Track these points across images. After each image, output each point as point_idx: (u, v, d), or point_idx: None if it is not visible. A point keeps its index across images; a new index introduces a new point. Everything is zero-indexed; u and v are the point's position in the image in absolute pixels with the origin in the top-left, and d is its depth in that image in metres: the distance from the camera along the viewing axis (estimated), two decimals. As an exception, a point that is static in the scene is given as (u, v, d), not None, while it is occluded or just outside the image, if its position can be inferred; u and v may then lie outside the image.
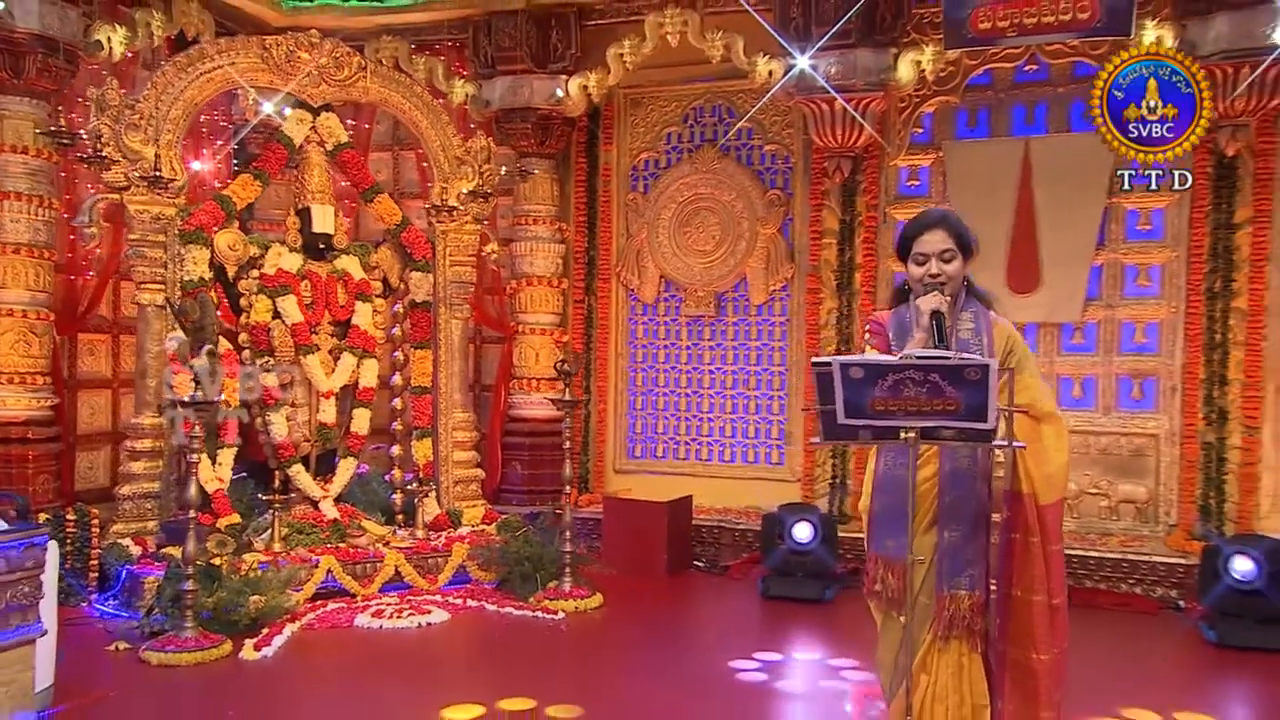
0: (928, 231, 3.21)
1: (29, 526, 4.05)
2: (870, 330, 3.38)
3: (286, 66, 6.42)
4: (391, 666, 5.18)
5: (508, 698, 4.50)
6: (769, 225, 7.92)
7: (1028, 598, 3.00)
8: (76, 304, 6.80)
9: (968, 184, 7.47)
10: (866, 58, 6.98)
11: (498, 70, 7.68)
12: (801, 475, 7.71)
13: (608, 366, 8.27)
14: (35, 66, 6.14)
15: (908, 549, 3.04)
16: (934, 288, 3.11)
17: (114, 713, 4.24)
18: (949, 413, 2.71)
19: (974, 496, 3.08)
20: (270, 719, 4.58)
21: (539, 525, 6.65)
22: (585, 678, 5.13)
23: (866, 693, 4.58)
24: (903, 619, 3.12)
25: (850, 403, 2.74)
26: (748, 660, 5.21)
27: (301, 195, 6.73)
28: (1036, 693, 3.02)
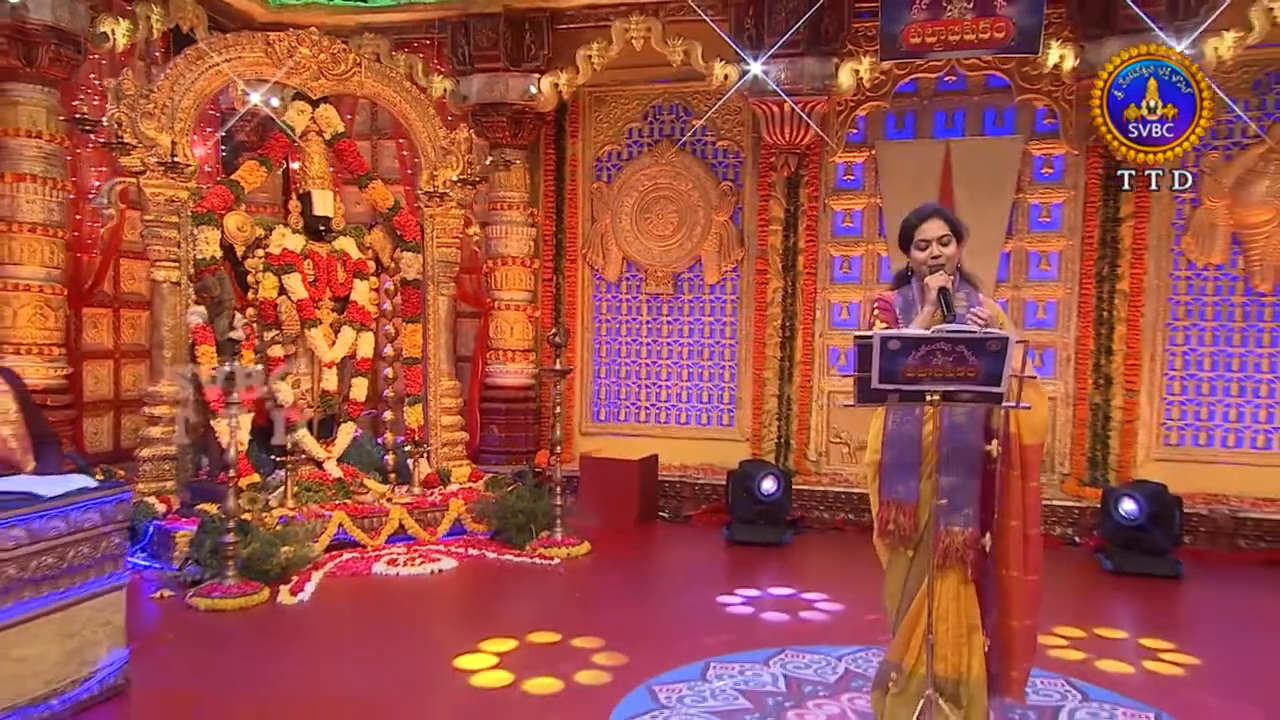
0: (927, 221, 3.39)
1: (117, 484, 4.08)
2: (879, 308, 3.50)
3: (288, 61, 6.33)
4: (418, 607, 5.25)
5: (532, 632, 4.57)
6: (721, 213, 8.00)
7: (1006, 523, 3.19)
8: (83, 280, 6.65)
9: (896, 179, 7.62)
10: (812, 65, 7.10)
11: (475, 68, 7.62)
12: (750, 435, 7.87)
13: (575, 339, 8.24)
14: (47, 56, 5.99)
15: (916, 493, 3.35)
16: (936, 268, 3.29)
17: (179, 651, 4.25)
18: (969, 378, 2.91)
19: (969, 449, 3.21)
20: (318, 655, 4.59)
21: (527, 482, 6.75)
22: (593, 613, 5.19)
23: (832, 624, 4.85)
24: (909, 553, 3.42)
25: (885, 370, 2.92)
26: (731, 595, 5.37)
27: (303, 181, 6.65)
28: (1013, 605, 3.20)
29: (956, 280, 3.35)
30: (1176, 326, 7.21)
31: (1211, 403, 7.15)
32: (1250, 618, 5.26)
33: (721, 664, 4.16)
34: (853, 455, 7.66)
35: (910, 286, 3.47)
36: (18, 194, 6.01)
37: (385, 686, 3.96)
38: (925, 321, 3.24)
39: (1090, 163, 7.17)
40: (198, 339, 5.86)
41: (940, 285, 3.22)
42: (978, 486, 3.23)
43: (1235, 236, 7.13)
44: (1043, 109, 7.32)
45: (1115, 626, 4.84)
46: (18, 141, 6.01)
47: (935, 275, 3.26)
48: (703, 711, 3.57)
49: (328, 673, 4.24)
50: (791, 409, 7.71)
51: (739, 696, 3.72)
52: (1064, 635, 4.52)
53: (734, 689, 3.80)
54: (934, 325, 3.18)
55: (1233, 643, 4.75)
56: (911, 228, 3.43)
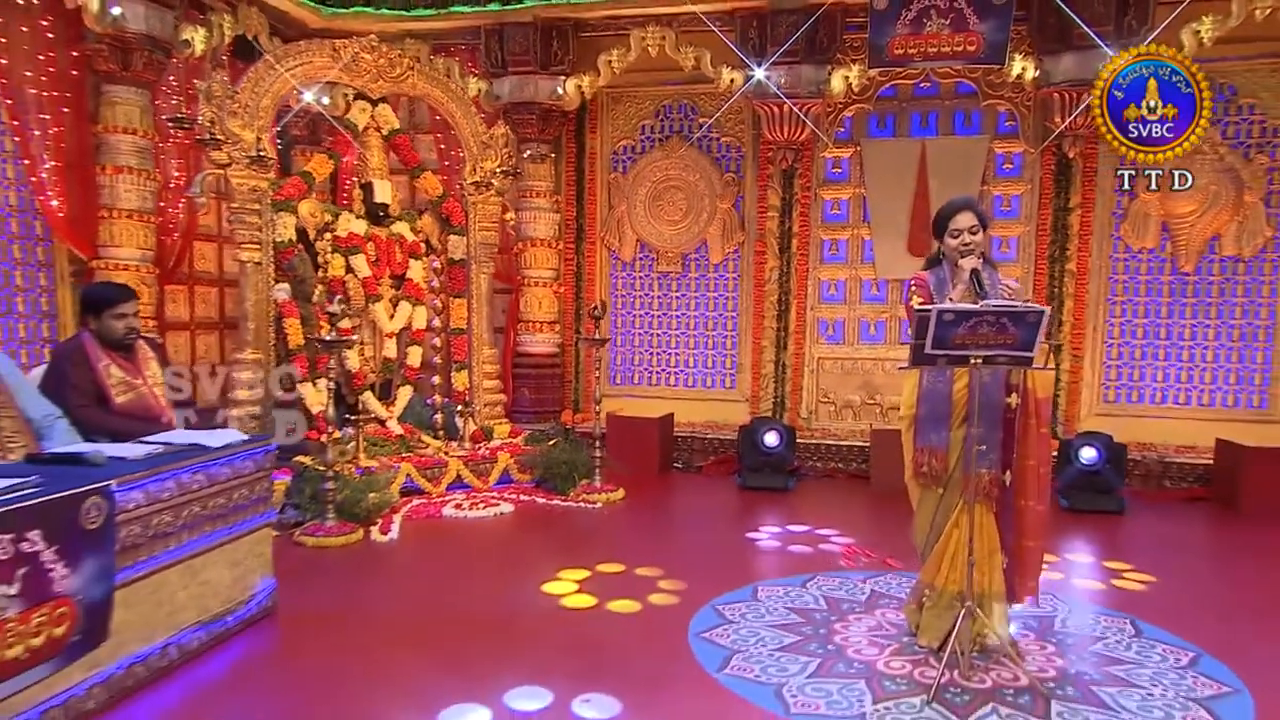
0: (960, 214, 3.64)
1: (264, 437, 4.31)
2: (916, 285, 3.73)
3: (352, 65, 6.43)
4: (492, 544, 5.45)
5: (599, 564, 4.76)
6: (725, 201, 8.13)
7: (1024, 463, 3.43)
8: (165, 260, 6.78)
9: (879, 173, 7.80)
10: (809, 72, 7.25)
11: (508, 70, 7.69)
12: (750, 397, 8.11)
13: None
14: (141, 61, 6.08)
15: (946, 441, 3.66)
16: (967, 253, 3.57)
17: (302, 580, 4.42)
18: (1007, 345, 3.20)
19: (994, 404, 3.47)
20: (421, 583, 4.73)
21: (568, 437, 7.01)
22: (646, 547, 5.29)
23: (851, 551, 5.11)
24: (940, 491, 3.73)
25: (938, 338, 3.19)
26: (757, 532, 5.61)
27: (364, 171, 6.82)
28: (1028, 529, 3.47)
29: (983, 263, 3.61)
30: (1115, 301, 7.53)
31: (1143, 366, 7.53)
32: (1185, 543, 5.72)
33: (767, 588, 4.41)
34: (838, 413, 7.95)
35: (941, 267, 3.73)
36: (117, 184, 6.08)
37: (490, 608, 4.19)
38: (959, 296, 3.50)
39: (1045, 160, 7.43)
40: (285, 312, 6.05)
41: (973, 267, 3.53)
42: (1000, 434, 3.48)
43: (1165, 225, 7.41)
44: (1004, 113, 7.56)
45: (1082, 553, 5.22)
46: (116, 137, 6.08)
47: (968, 259, 3.55)
48: (764, 625, 3.87)
49: (435, 597, 4.41)
50: (786, 373, 7.96)
51: (790, 613, 4.03)
52: (1044, 561, 4.89)
53: (784, 607, 4.10)
54: (966, 300, 3.45)
55: (1176, 563, 5.11)
56: (946, 218, 3.67)
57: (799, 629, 3.85)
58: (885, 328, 7.95)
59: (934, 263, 3.80)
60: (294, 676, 3.44)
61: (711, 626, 3.88)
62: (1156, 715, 3.07)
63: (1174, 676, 3.42)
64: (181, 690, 3.25)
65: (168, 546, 3.35)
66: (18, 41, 5.49)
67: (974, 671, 3.32)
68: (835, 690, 3.23)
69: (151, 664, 3.26)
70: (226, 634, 3.67)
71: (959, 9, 6.80)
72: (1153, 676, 3.41)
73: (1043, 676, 3.35)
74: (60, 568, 2.79)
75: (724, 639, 3.73)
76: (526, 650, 3.65)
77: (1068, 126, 7.05)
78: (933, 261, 3.82)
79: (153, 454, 3.42)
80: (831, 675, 3.36)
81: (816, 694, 3.19)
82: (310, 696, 3.23)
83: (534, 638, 3.82)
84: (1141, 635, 3.85)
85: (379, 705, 3.13)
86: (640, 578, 4.60)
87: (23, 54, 5.53)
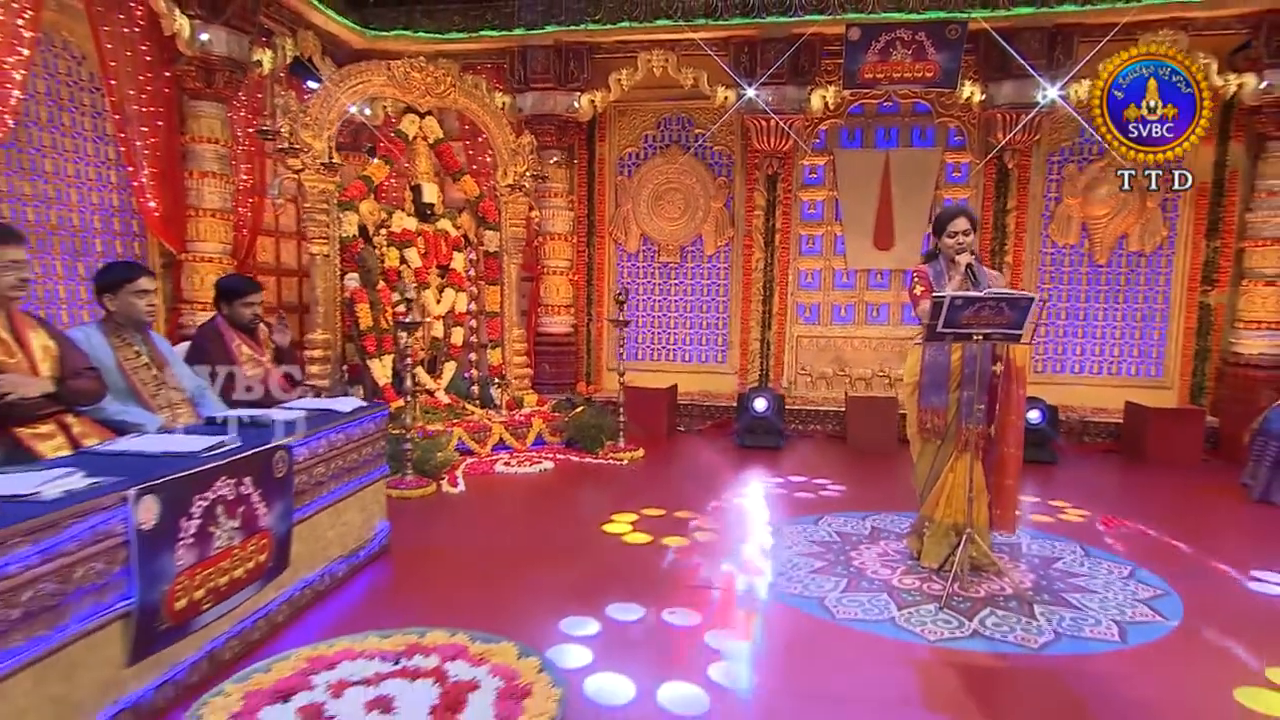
0: (955, 218, 3.97)
1: (380, 404, 4.58)
2: (918, 276, 4.04)
3: (404, 83, 6.68)
4: (544, 494, 5.65)
5: (644, 508, 5.02)
6: (717, 201, 8.35)
7: (1007, 418, 3.81)
8: (238, 253, 6.94)
9: (849, 178, 8.06)
10: (792, 91, 7.49)
11: (530, 86, 7.84)
12: (738, 370, 8.39)
13: (603, 298, 8.62)
14: (222, 80, 6.19)
15: (946, 402, 4.06)
16: (962, 250, 3.91)
17: (397, 526, 4.43)
18: (1003, 325, 3.55)
19: (982, 371, 3.79)
20: (496, 525, 4.92)
21: (591, 405, 7.33)
22: (674, 495, 5.44)
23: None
24: (938, 443, 4.10)
25: (949, 320, 3.53)
26: (765, 481, 5.91)
27: (413, 175, 7.05)
28: (1008, 471, 3.83)
29: (974, 258, 3.96)
30: (1043, 287, 7.87)
31: (1065, 342, 7.97)
32: (1106, 485, 6.19)
33: (787, 526, 4.78)
34: (814, 383, 8.28)
35: (938, 261, 4.06)
36: (202, 187, 6.22)
37: (565, 544, 4.46)
38: (957, 286, 3.83)
39: (988, 170, 7.77)
40: (356, 298, 6.30)
41: (967, 262, 3.92)
42: (987, 397, 3.85)
43: (1084, 225, 7.81)
44: (954, 129, 7.91)
45: (1031, 494, 5.55)
46: (200, 146, 6.21)
47: (963, 255, 3.90)
48: (794, 554, 4.27)
49: (513, 537, 4.68)
50: (769, 349, 8.26)
51: (812, 545, 4.43)
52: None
53: (806, 540, 4.49)
54: (964, 288, 3.79)
55: (1103, 500, 5.55)
56: (945, 221, 4.00)
57: (823, 556, 4.27)
58: (854, 310, 8.29)
59: (931, 258, 4.14)
60: (422, 597, 3.70)
61: (750, 558, 4.27)
62: (1113, 611, 3.59)
63: (1119, 584, 3.95)
64: (337, 608, 3.55)
65: (321, 493, 3.67)
66: (123, 65, 5.59)
67: (971, 585, 3.80)
68: (865, 601, 3.68)
69: (315, 587, 3.59)
70: (359, 566, 3.98)
71: (919, 41, 7.08)
72: (1104, 585, 3.93)
73: (1023, 587, 3.84)
74: (262, 507, 3.11)
75: (766, 564, 4.15)
76: (607, 576, 3.95)
77: (1008, 142, 7.40)
78: (930, 257, 4.16)
79: (308, 417, 3.72)
80: (859, 590, 3.81)
81: (852, 604, 3.64)
82: (442, 613, 3.45)
83: (609, 566, 4.11)
84: (1089, 556, 4.37)
85: (506, 618, 3.37)
86: (679, 519, 4.89)
87: (127, 75, 5.64)
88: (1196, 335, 7.80)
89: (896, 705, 2.80)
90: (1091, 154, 7.75)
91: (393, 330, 6.62)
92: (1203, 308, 7.77)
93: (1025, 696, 2.90)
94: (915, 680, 2.97)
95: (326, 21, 7.38)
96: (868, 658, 3.14)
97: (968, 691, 2.88)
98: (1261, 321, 7.34)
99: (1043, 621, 3.46)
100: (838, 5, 7.32)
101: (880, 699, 2.84)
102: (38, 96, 5.28)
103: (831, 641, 3.29)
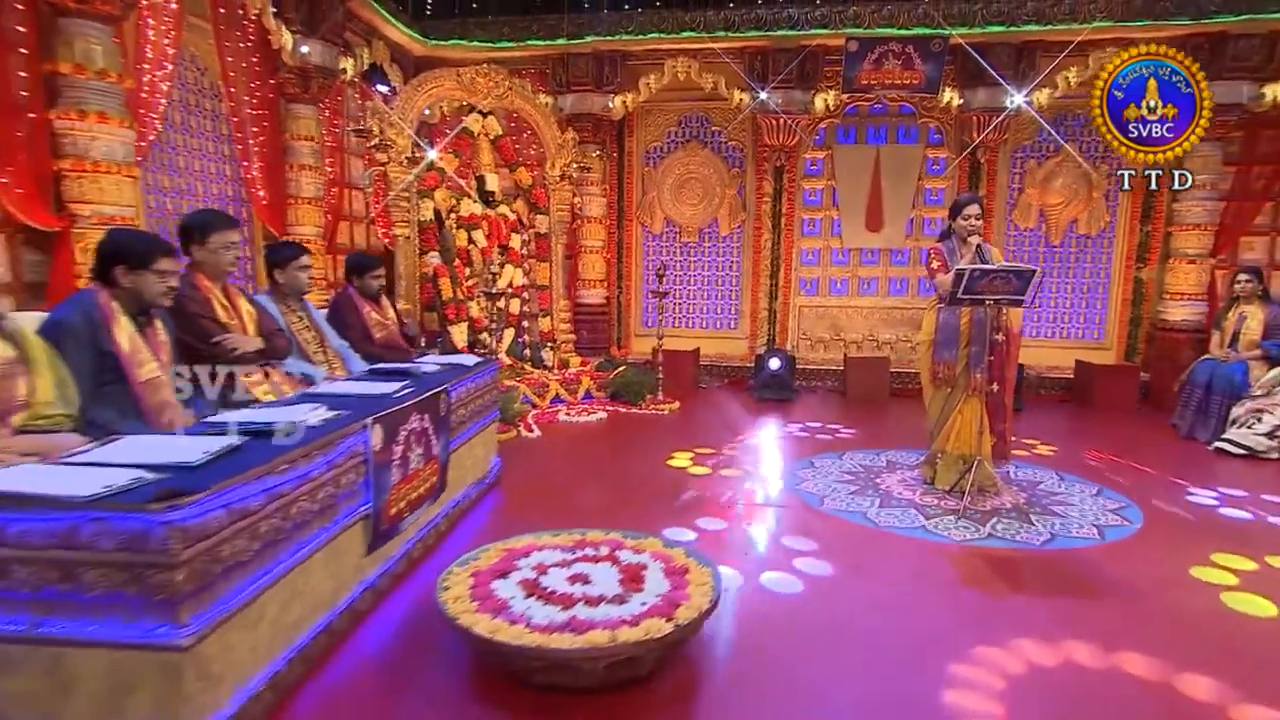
0: (970, 205, 4.33)
1: (490, 359, 4.93)
2: (935, 253, 4.41)
3: (471, 87, 6.91)
4: (607, 438, 5.92)
5: (695, 448, 5.31)
6: (731, 189, 8.57)
7: (1006, 373, 4.29)
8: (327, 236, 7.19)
9: (844, 170, 8.34)
10: (799, 95, 7.81)
11: (570, 89, 8.11)
12: (748, 335, 8.71)
13: (631, 273, 8.92)
14: (316, 85, 6.41)
15: (956, 357, 4.51)
16: (973, 232, 4.29)
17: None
18: (1010, 292, 3.95)
19: (987, 331, 4.20)
20: (577, 461, 5.23)
21: (631, 365, 7.70)
22: (715, 438, 5.75)
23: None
24: (947, 391, 4.51)
25: (968, 288, 3.93)
26: (788, 426, 6.28)
27: (477, 166, 7.33)
28: (1006, 414, 4.36)
29: (980, 239, 4.34)
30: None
31: (1026, 311, 8.36)
32: (1064, 427, 6.64)
33: (818, 460, 5.18)
34: (813, 346, 8.62)
35: (951, 241, 4.43)
36: (300, 179, 6.47)
37: (638, 475, 4.80)
38: (968, 261, 4.19)
39: (962, 164, 8.10)
40: (439, 273, 6.59)
41: (978, 243, 4.33)
42: (990, 355, 4.24)
43: (1041, 212, 8.18)
44: (934, 128, 8.21)
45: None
46: (299, 143, 6.45)
47: (974, 236, 4.29)
48: (831, 481, 4.71)
49: (593, 470, 5.02)
50: (776, 317, 8.57)
51: (843, 474, 4.87)
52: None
53: (837, 470, 4.95)
54: (974, 263, 4.14)
55: (1064, 438, 6.03)
56: (961, 206, 4.35)
57: (855, 482, 4.74)
58: (849, 284, 8.65)
59: (944, 237, 4.52)
60: (538, 515, 3.93)
61: (799, 482, 4.71)
62: (1090, 519, 4.11)
63: (1091, 500, 4.47)
64: (476, 523, 3.96)
65: (462, 430, 4.05)
66: (239, 75, 5.83)
67: (979, 501, 4.30)
68: (898, 513, 4.16)
69: (460, 506, 4.01)
70: (483, 491, 4.36)
71: (908, 53, 7.43)
72: (1079, 501, 4.44)
73: (1018, 502, 4.35)
74: (435, 439, 3.51)
75: (812, 488, 4.62)
76: (697, 491, 4.39)
77: (980, 140, 7.83)
78: (944, 236, 4.54)
79: (444, 370, 4.12)
80: (890, 507, 4.29)
81: (889, 516, 4.13)
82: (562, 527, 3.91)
83: (685, 490, 4.49)
84: (1064, 480, 4.90)
85: (618, 529, 3.84)
86: (728, 455, 5.27)
87: (241, 83, 5.86)
88: (1131, 305, 8.26)
89: (944, 584, 3.29)
90: (1049, 151, 8.14)
91: (477, 299, 6.89)
92: (1136, 281, 8.20)
93: (1037, 577, 3.41)
94: (952, 568, 3.47)
95: (395, 33, 7.60)
96: (911, 553, 3.64)
97: (993, 574, 3.39)
98: (1184, 293, 7.83)
99: (1039, 526, 3.98)
100: (838, 21, 7.64)
101: (930, 580, 3.33)
102: (173, 103, 5.53)
103: (879, 543, 3.78)
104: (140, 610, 1.89)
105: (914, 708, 2.33)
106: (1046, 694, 2.42)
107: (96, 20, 4.41)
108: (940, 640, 2.74)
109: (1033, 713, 2.32)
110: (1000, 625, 2.85)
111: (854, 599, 3.11)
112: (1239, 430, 5.80)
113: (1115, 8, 7.20)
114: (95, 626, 1.90)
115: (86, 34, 4.39)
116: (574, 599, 2.46)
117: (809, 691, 2.40)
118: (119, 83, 4.54)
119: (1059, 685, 2.47)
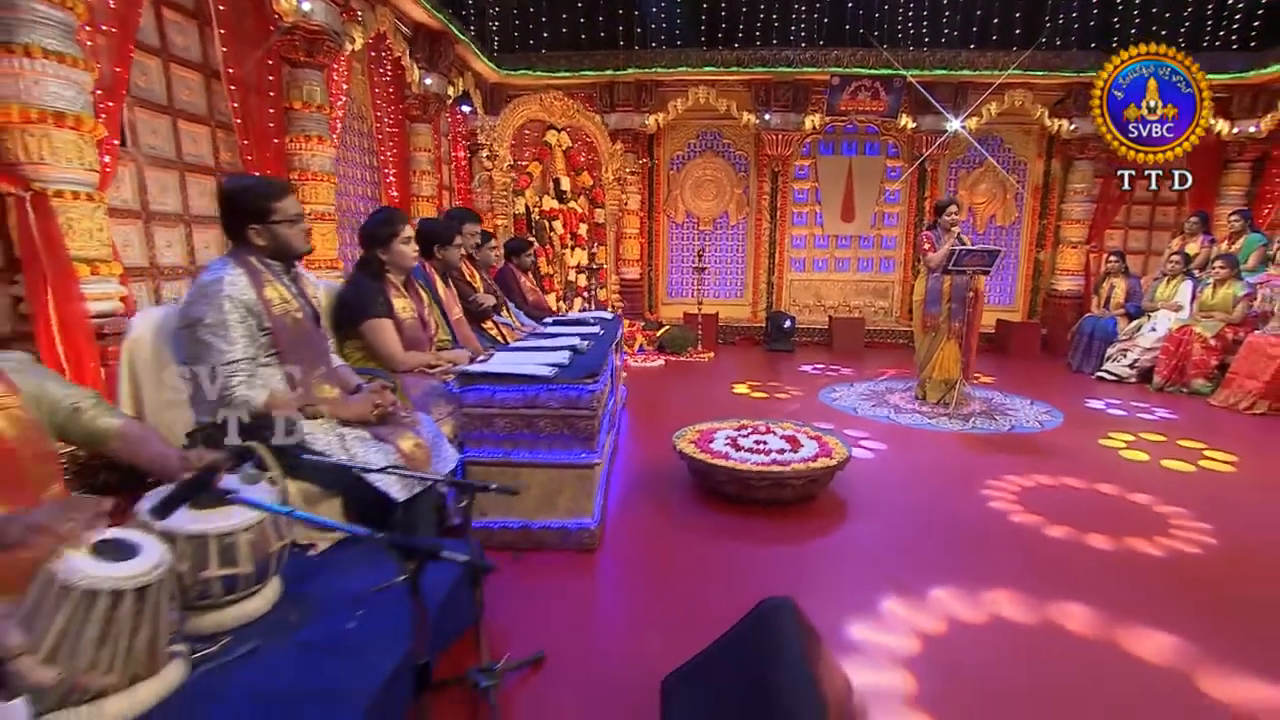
0: (950, 205, 5.28)
1: (615, 316, 5.91)
2: (927, 237, 5.35)
3: (549, 109, 7.75)
4: (675, 376, 6.63)
5: (743, 382, 6.24)
6: (738, 188, 9.29)
7: (975, 324, 5.40)
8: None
9: (826, 176, 9.25)
10: (792, 116, 8.68)
11: (615, 109, 8.85)
12: (751, 303, 9.62)
13: (660, 255, 9.60)
14: (432, 108, 7.13)
15: (939, 310, 5.72)
16: (953, 224, 5.31)
17: None
18: (981, 265, 5.18)
19: (965, 292, 5.26)
20: (661, 389, 5.89)
21: (675, 325, 8.71)
22: (755, 375, 6.52)
23: (883, 371, 7.12)
24: (932, 334, 5.77)
25: (956, 261, 5.13)
26: (801, 368, 7.24)
27: (552, 171, 8.21)
28: (971, 354, 5.48)
29: (960, 228, 5.56)
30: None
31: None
32: (995, 366, 7.69)
33: (834, 389, 6.20)
34: (800, 311, 9.64)
35: (937, 229, 5.39)
36: (422, 182, 7.18)
37: (718, 400, 5.57)
38: (952, 244, 5.22)
39: (914, 172, 9.23)
40: (537, 254, 7.51)
41: (959, 233, 5.55)
42: (966, 310, 5.44)
43: (970, 208, 9.29)
44: (892, 144, 9.24)
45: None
46: (419, 154, 7.12)
47: (955, 227, 5.45)
48: (852, 401, 5.80)
49: (687, 396, 5.82)
50: (773, 289, 9.53)
51: (859, 396, 6.01)
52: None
53: (855, 394, 6.10)
54: (956, 247, 5.19)
55: (996, 373, 7.22)
56: (945, 205, 5.29)
57: (870, 400, 5.93)
58: (828, 263, 9.71)
59: (931, 227, 5.60)
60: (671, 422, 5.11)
61: (834, 400, 5.83)
62: (1032, 417, 5.40)
63: (1028, 407, 5.76)
64: (629, 427, 5.02)
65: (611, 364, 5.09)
66: (382, 104, 6.58)
67: (958, 408, 5.54)
68: (909, 417, 5.37)
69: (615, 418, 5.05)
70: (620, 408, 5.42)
71: (876, 87, 8.43)
72: (1019, 409, 5.74)
73: (984, 409, 5.61)
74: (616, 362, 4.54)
75: (845, 404, 5.79)
76: (760, 412, 5.41)
77: (927, 154, 8.91)
78: (931, 226, 5.61)
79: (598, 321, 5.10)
80: (902, 414, 5.50)
81: (904, 418, 5.32)
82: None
83: (756, 408, 5.41)
84: (1008, 397, 6.19)
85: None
86: (773, 385, 6.26)
87: (383, 110, 6.62)
88: (1033, 278, 9.53)
89: (955, 452, 4.53)
90: (976, 163, 9.30)
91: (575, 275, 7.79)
92: (1036, 262, 9.42)
93: (1008, 447, 4.66)
94: (958, 443, 4.71)
95: (480, 65, 8.32)
96: (926, 438, 4.85)
97: (983, 446, 4.64)
98: (1069, 270, 9.16)
99: (1001, 422, 5.25)
100: (824, 61, 8.60)
101: (945, 450, 4.56)
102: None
103: (905, 432, 4.99)
104: (570, 443, 2.93)
105: (970, 505, 3.54)
106: (1039, 496, 3.67)
107: (314, 68, 5.19)
108: (967, 476, 3.96)
109: (1036, 503, 3.57)
110: (999, 468, 4.10)
111: (906, 460, 4.31)
112: (1111, 364, 7.23)
113: (1025, 61, 8.47)
114: (542, 454, 2.94)
115: (309, 79, 5.18)
116: (769, 449, 3.58)
117: (904, 505, 3.59)
118: (327, 113, 5.34)
119: (1044, 491, 3.73)
